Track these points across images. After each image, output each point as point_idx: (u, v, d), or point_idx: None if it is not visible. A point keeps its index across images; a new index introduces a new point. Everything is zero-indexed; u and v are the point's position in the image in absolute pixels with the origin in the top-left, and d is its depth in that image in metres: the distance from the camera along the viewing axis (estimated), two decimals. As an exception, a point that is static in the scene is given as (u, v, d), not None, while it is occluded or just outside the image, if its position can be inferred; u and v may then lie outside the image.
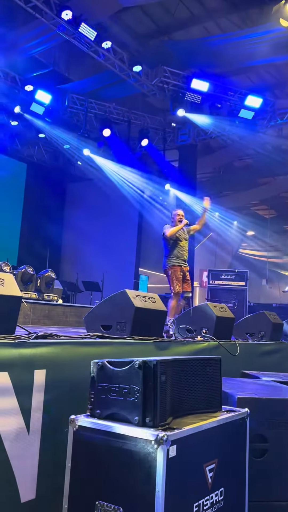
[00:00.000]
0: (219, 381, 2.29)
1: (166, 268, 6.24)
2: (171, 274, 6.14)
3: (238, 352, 4.08)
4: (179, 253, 6.25)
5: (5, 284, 2.32)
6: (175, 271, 6.14)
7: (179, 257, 6.22)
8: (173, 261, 6.19)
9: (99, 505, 1.84)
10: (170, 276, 6.16)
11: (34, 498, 2.20)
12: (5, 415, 2.10)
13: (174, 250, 6.24)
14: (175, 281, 6.11)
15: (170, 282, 6.16)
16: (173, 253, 6.22)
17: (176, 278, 6.12)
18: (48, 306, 6.41)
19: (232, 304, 10.92)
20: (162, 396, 1.91)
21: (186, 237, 6.46)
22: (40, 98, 11.43)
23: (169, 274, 6.17)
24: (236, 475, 2.21)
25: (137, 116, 13.32)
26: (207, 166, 15.36)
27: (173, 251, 6.23)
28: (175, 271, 6.14)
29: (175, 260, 6.19)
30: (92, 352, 2.68)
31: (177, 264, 6.18)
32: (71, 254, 15.64)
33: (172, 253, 6.22)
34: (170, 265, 6.18)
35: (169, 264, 6.19)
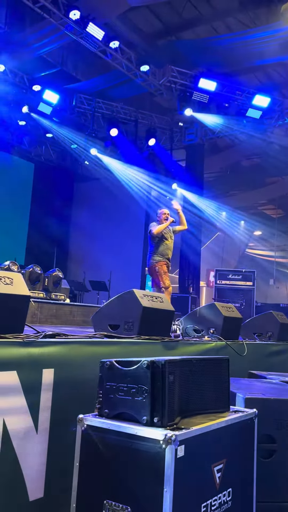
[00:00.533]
0: (227, 381, 2.29)
1: (152, 265, 6.40)
2: (158, 269, 6.31)
3: (245, 352, 4.07)
4: (164, 251, 6.43)
5: (14, 284, 2.33)
6: (161, 266, 6.32)
7: (163, 255, 6.40)
8: (159, 258, 6.38)
9: (107, 504, 1.84)
10: (158, 272, 6.32)
11: (42, 497, 2.21)
12: (13, 414, 2.11)
13: (159, 247, 6.42)
14: (164, 275, 6.30)
15: (159, 277, 6.30)
16: (158, 251, 6.41)
17: (164, 272, 6.30)
18: (55, 306, 6.43)
19: (239, 304, 10.90)
20: (170, 396, 1.91)
21: (171, 235, 6.63)
22: (47, 98, 11.46)
23: (156, 270, 6.33)
24: (244, 476, 2.21)
25: (144, 116, 13.32)
26: (215, 166, 15.33)
27: (159, 248, 6.41)
28: (162, 266, 6.32)
29: (160, 257, 6.37)
30: (100, 351, 2.69)
31: (162, 261, 6.36)
32: (78, 253, 15.67)
33: (157, 251, 6.41)
34: (156, 261, 6.36)
35: (155, 260, 6.37)
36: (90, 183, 15.57)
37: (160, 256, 6.39)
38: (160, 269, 6.31)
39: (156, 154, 13.72)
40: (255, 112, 11.38)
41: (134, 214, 14.49)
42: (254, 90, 11.44)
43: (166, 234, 6.51)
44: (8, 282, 2.30)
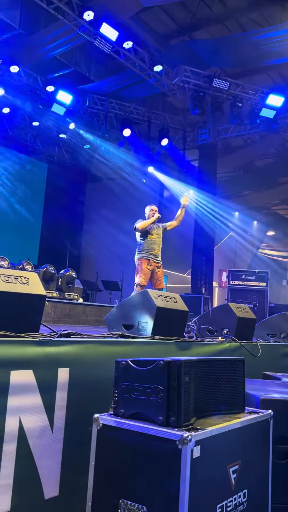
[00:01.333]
0: (242, 382, 2.28)
1: (135, 260, 6.34)
2: (137, 266, 6.24)
3: (259, 353, 4.05)
4: (149, 247, 6.32)
5: (30, 283, 2.34)
6: (141, 263, 6.22)
7: (148, 251, 6.29)
8: (141, 255, 6.28)
9: (123, 503, 1.84)
10: (136, 268, 6.24)
11: (57, 495, 2.23)
12: (29, 412, 2.13)
13: (144, 243, 6.33)
14: (140, 272, 6.17)
15: (136, 273, 6.24)
16: (143, 247, 6.32)
17: (141, 270, 6.18)
18: (68, 305, 6.45)
19: (253, 305, 10.83)
20: (186, 396, 1.91)
21: (158, 232, 6.53)
22: (61, 98, 11.51)
23: (136, 265, 6.27)
24: (259, 477, 2.20)
25: (157, 116, 13.32)
26: (227, 166, 15.28)
27: (143, 244, 6.33)
28: (142, 263, 6.21)
29: (143, 254, 6.27)
30: (114, 351, 2.70)
31: (145, 258, 6.26)
32: (90, 253, 15.72)
33: (142, 247, 6.32)
34: (138, 257, 6.29)
35: (137, 256, 6.31)
36: (102, 183, 15.61)
37: (144, 252, 6.30)
38: (138, 266, 6.24)
39: (168, 154, 13.71)
40: (268, 112, 11.30)
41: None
42: (267, 89, 11.37)
43: (151, 230, 6.43)
44: (25, 281, 2.32)
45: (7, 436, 2.01)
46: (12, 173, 13.33)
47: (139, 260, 6.27)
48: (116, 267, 12.88)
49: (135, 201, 14.11)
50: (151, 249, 6.34)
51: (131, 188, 13.97)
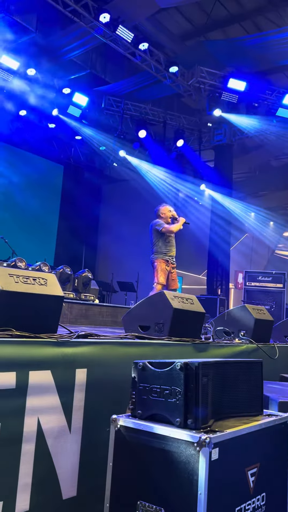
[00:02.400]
0: (260, 385, 2.26)
1: (152, 260, 6.35)
2: (157, 265, 6.26)
3: (277, 356, 4.02)
4: (167, 248, 6.35)
5: (48, 284, 2.36)
6: (160, 263, 6.25)
7: (166, 252, 6.33)
8: (160, 255, 6.30)
9: (141, 505, 1.84)
10: (156, 268, 6.27)
11: (75, 496, 2.23)
12: (48, 413, 2.14)
13: (162, 244, 6.33)
14: (160, 271, 6.21)
15: (155, 273, 6.26)
16: (160, 248, 6.33)
17: (161, 269, 6.22)
18: (85, 306, 6.49)
19: (269, 307, 10.75)
20: (204, 398, 1.90)
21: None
22: (77, 100, 11.59)
23: (155, 265, 6.29)
24: (278, 480, 2.18)
25: (172, 117, 13.32)
26: (243, 166, 15.19)
27: (161, 245, 6.33)
28: (160, 263, 6.24)
29: (161, 255, 6.30)
30: (131, 352, 2.70)
31: (164, 258, 6.29)
32: (106, 254, 15.79)
33: (159, 248, 6.33)
34: (155, 258, 6.31)
35: (155, 257, 6.32)
36: (118, 184, 15.66)
37: (161, 254, 6.31)
38: (158, 266, 6.26)
39: (184, 155, 13.69)
40: (285, 112, 11.22)
41: (162, 215, 14.47)
42: (284, 89, 11.28)
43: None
44: (43, 283, 2.34)
45: (25, 436, 2.03)
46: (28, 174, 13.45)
47: (157, 260, 6.29)
48: (131, 268, 12.90)
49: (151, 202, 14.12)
50: (169, 250, 6.37)
51: (147, 189, 13.98)
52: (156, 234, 6.40)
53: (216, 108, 11.60)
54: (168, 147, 13.73)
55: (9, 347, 2.04)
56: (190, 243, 14.98)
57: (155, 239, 6.41)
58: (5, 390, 1.97)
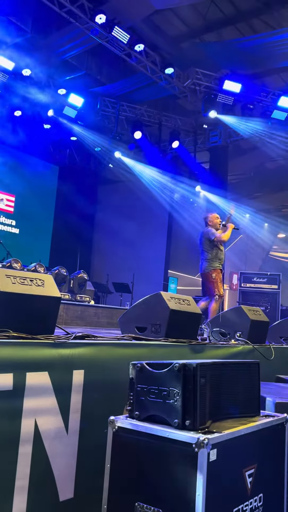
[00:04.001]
0: (257, 386, 2.27)
1: (208, 271, 6.33)
2: (215, 276, 6.28)
3: (273, 357, 4.03)
4: (220, 256, 6.41)
5: (45, 285, 2.36)
6: (218, 274, 6.31)
7: (219, 261, 6.38)
8: (216, 265, 6.34)
9: (139, 506, 1.84)
10: (214, 279, 6.28)
11: (72, 497, 2.23)
12: (45, 414, 2.13)
13: (215, 253, 6.36)
14: (220, 283, 6.30)
15: (214, 285, 6.27)
16: (214, 256, 6.35)
17: (220, 280, 6.32)
18: (80, 307, 6.48)
19: (264, 308, 10.77)
20: (202, 399, 1.90)
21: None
22: (72, 101, 11.58)
23: (213, 277, 6.29)
24: (275, 481, 2.18)
25: (168, 118, 13.33)
26: (238, 168, 15.23)
27: (216, 254, 6.36)
28: (218, 274, 6.31)
29: (215, 264, 6.33)
30: (128, 353, 2.70)
31: (219, 268, 6.36)
32: (101, 255, 15.77)
33: (215, 256, 6.35)
34: (213, 268, 6.31)
35: (212, 267, 6.32)
36: (113, 185, 15.66)
37: (217, 262, 6.37)
38: (216, 277, 6.31)
39: (179, 157, 13.72)
40: (280, 114, 11.27)
41: (157, 216, 14.51)
42: (279, 91, 11.33)
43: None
44: (40, 284, 2.33)
45: (23, 438, 2.02)
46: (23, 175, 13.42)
47: (214, 271, 6.33)
48: (126, 270, 12.90)
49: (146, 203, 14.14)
50: (221, 259, 6.45)
51: (142, 191, 13.99)
52: (208, 244, 6.42)
53: (212, 110, 11.62)
54: (163, 148, 13.75)
55: (6, 348, 2.04)
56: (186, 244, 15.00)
57: (208, 248, 6.43)
58: (2, 391, 1.96)
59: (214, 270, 6.33)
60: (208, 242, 6.40)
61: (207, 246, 6.41)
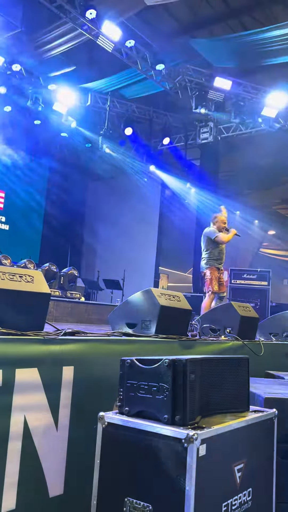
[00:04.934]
0: (247, 381, 2.28)
1: (204, 269, 6.61)
2: (210, 273, 6.51)
3: (262, 352, 4.05)
4: (219, 256, 6.65)
5: (34, 281, 2.34)
6: (213, 271, 6.53)
7: (218, 260, 6.61)
8: (212, 262, 6.58)
9: (128, 502, 1.84)
10: (209, 276, 6.52)
11: (62, 494, 2.23)
12: (34, 411, 2.13)
13: (215, 252, 6.61)
14: (214, 280, 6.50)
15: (208, 281, 6.51)
16: (213, 255, 6.61)
17: (214, 277, 6.51)
18: (70, 304, 6.46)
19: (254, 304, 10.83)
20: (192, 395, 1.91)
21: None
22: (63, 97, 11.51)
23: (208, 274, 6.52)
24: (264, 476, 2.20)
25: (158, 115, 13.32)
26: (229, 165, 15.26)
27: (214, 253, 6.61)
28: (213, 271, 6.53)
29: (213, 262, 6.57)
30: (118, 349, 2.70)
31: (215, 266, 6.58)
32: (92, 252, 15.74)
33: (212, 255, 6.60)
34: (208, 266, 6.56)
35: (208, 265, 6.57)
36: (104, 182, 15.62)
37: (214, 260, 6.59)
38: (211, 274, 6.52)
39: (170, 153, 13.73)
40: (270, 111, 11.30)
41: (148, 213, 14.51)
42: (269, 88, 11.35)
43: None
44: (29, 280, 2.32)
45: (12, 435, 2.01)
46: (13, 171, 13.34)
47: (210, 268, 6.56)
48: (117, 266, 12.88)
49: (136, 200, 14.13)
50: (220, 258, 6.68)
51: (133, 187, 13.98)
52: (209, 242, 6.65)
53: (202, 107, 11.63)
54: (154, 145, 13.74)
55: (-5, 344, 2.03)
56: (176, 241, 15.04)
57: (208, 246, 6.66)
58: (-9, 388, 1.95)
59: (209, 268, 6.54)
60: (209, 241, 6.63)
61: (207, 245, 6.65)
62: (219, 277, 6.60)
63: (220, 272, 6.65)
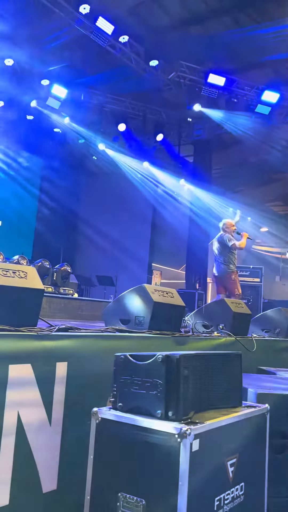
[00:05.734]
0: (239, 377, 2.29)
1: (228, 274, 7.09)
2: (234, 277, 7.05)
3: (254, 348, 4.08)
4: (236, 259, 7.20)
5: (28, 277, 2.34)
6: (235, 275, 7.09)
7: (235, 263, 7.15)
8: (231, 267, 7.08)
9: (122, 497, 1.85)
10: (234, 279, 7.06)
11: (55, 489, 2.23)
12: (28, 406, 2.13)
13: (232, 257, 7.08)
14: (238, 284, 7.10)
15: (234, 285, 7.05)
16: (231, 259, 7.07)
17: (238, 280, 7.13)
18: (64, 300, 6.45)
19: (247, 300, 10.88)
20: (185, 390, 1.91)
21: None
22: (56, 92, 11.45)
23: (233, 278, 7.05)
24: (256, 471, 2.21)
25: (152, 111, 13.29)
26: (222, 161, 15.27)
27: (231, 258, 7.08)
28: (236, 275, 7.10)
29: (232, 266, 7.07)
30: (112, 345, 2.70)
31: (235, 270, 7.15)
32: (85, 248, 15.71)
33: (230, 259, 7.07)
34: (231, 270, 7.07)
35: (230, 269, 7.08)
36: (97, 178, 15.58)
37: (232, 265, 7.08)
38: (235, 278, 7.07)
39: (163, 150, 13.71)
40: (264, 108, 11.33)
41: (142, 209, 14.51)
42: (263, 85, 11.37)
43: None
44: (23, 275, 2.31)
45: (5, 430, 2.01)
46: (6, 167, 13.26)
47: (233, 273, 7.09)
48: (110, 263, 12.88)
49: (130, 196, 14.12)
50: (236, 261, 7.22)
51: (126, 183, 13.95)
52: (226, 248, 7.08)
53: (196, 103, 11.63)
54: (147, 141, 13.72)
55: (-11, 340, 2.02)
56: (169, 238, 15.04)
57: (224, 252, 7.12)
58: (-15, 384, 1.95)
59: (232, 272, 7.04)
60: (225, 247, 7.04)
61: (224, 251, 7.07)
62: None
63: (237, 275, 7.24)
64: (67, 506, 2.26)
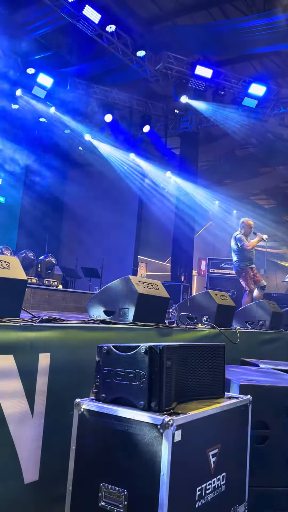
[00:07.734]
0: (222, 368, 2.30)
1: (238, 270, 7.53)
2: (245, 275, 7.37)
3: (238, 340, 4.10)
4: (251, 256, 7.52)
5: (10, 268, 2.31)
6: (247, 272, 7.38)
7: (250, 260, 7.47)
8: (245, 264, 7.42)
9: (104, 487, 1.85)
10: (245, 277, 7.38)
11: (37, 480, 2.22)
12: (10, 398, 2.11)
13: (246, 254, 7.44)
14: (250, 280, 7.36)
15: (245, 281, 7.39)
16: (245, 257, 7.44)
17: (250, 277, 7.37)
18: (48, 291, 6.41)
19: (231, 293, 10.95)
20: (168, 381, 1.92)
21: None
22: (42, 81, 11.30)
23: (243, 275, 7.39)
24: (238, 461, 2.23)
25: (139, 102, 13.21)
26: (209, 154, 15.29)
27: (246, 254, 7.44)
28: (248, 272, 7.39)
29: (247, 263, 7.42)
30: (96, 336, 2.69)
31: (248, 266, 7.42)
32: (70, 240, 15.62)
33: (244, 257, 7.44)
34: (242, 267, 7.44)
35: (241, 267, 7.45)
36: (83, 169, 15.46)
37: (247, 262, 7.41)
38: (246, 275, 7.36)
39: (150, 141, 13.65)
40: (251, 101, 11.34)
41: (128, 201, 14.46)
42: (250, 78, 11.37)
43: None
44: (5, 266, 2.28)
45: (-13, 421, 2.00)
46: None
47: (245, 270, 7.42)
48: (96, 254, 12.84)
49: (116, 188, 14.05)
50: (251, 258, 7.51)
51: (113, 175, 13.88)
52: (239, 247, 7.47)
53: (183, 95, 11.58)
54: (134, 132, 13.64)
55: None
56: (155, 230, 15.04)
57: (237, 251, 7.51)
58: None
59: (243, 269, 7.39)
60: (237, 245, 7.45)
61: (237, 249, 7.47)
62: (254, 275, 7.45)
63: (253, 270, 7.49)
64: (49, 497, 2.25)
